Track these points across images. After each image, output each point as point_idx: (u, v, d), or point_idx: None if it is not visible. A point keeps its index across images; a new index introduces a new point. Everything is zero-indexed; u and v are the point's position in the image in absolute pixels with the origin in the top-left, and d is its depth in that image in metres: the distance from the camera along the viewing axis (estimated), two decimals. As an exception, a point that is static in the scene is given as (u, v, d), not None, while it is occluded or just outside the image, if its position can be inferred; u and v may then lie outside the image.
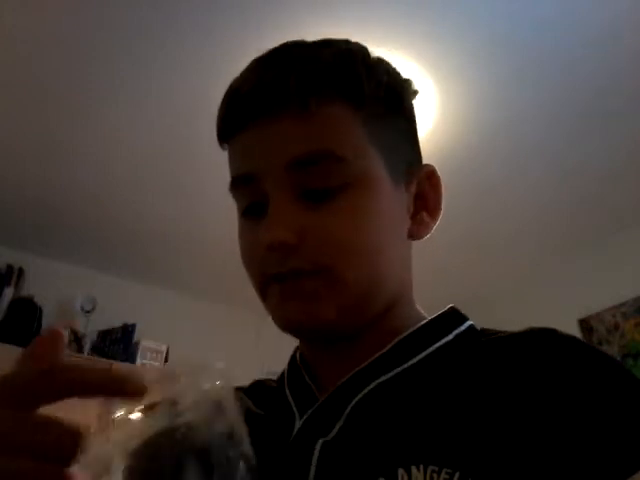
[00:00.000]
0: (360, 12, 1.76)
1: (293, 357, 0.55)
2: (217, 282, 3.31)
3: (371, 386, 0.45)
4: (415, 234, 0.51)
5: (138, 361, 2.99)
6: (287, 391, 0.51)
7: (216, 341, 3.46)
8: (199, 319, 3.51)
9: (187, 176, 2.51)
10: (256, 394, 0.56)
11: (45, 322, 2.85)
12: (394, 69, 0.52)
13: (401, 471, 0.38)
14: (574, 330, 2.87)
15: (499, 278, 3.25)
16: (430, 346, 0.47)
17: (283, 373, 0.55)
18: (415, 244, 0.53)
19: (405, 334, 0.48)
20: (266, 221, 0.45)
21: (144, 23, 1.84)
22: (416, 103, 0.54)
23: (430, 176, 0.53)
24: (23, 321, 2.74)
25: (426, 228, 0.52)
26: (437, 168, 0.53)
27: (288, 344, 0.55)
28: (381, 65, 0.51)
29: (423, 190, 0.52)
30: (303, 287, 0.44)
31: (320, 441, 0.43)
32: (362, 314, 0.47)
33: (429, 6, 1.76)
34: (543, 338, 0.44)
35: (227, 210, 0.53)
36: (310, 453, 0.42)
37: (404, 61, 1.91)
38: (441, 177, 0.53)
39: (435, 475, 0.36)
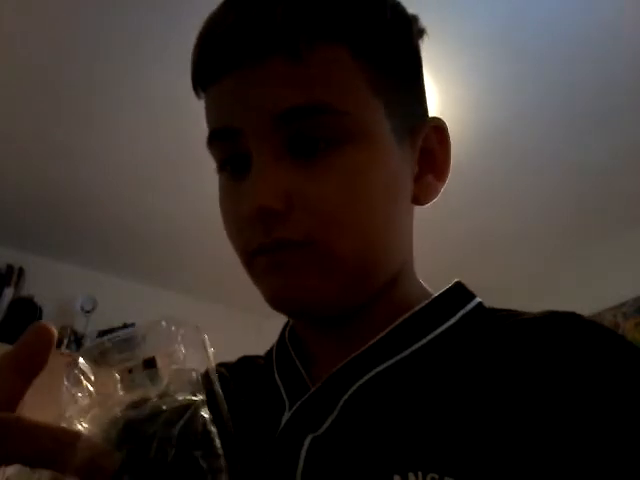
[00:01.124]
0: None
1: (282, 334, 0.49)
2: (217, 283, 3.31)
3: (368, 376, 0.39)
4: (420, 199, 0.45)
5: (138, 361, 2.99)
6: (276, 375, 0.45)
7: (216, 341, 3.45)
8: (199, 319, 3.49)
9: (188, 176, 2.50)
10: (242, 373, 0.50)
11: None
12: (399, 3, 0.44)
13: (397, 478, 0.33)
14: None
15: (498, 278, 3.25)
16: (435, 329, 0.41)
17: (272, 350, 0.49)
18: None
19: (406, 316, 0.42)
20: (248, 184, 0.38)
21: (145, 23, 1.84)
22: (422, 44, 0.47)
23: (438, 131, 0.45)
24: (23, 321, 2.74)
25: (433, 191, 0.45)
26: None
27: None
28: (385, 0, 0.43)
29: (429, 147, 0.45)
30: (290, 259, 0.38)
31: (309, 437, 0.38)
32: (361, 293, 0.41)
33: (428, 6, 1.76)
34: (567, 328, 0.39)
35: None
36: (298, 450, 0.37)
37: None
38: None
39: None
